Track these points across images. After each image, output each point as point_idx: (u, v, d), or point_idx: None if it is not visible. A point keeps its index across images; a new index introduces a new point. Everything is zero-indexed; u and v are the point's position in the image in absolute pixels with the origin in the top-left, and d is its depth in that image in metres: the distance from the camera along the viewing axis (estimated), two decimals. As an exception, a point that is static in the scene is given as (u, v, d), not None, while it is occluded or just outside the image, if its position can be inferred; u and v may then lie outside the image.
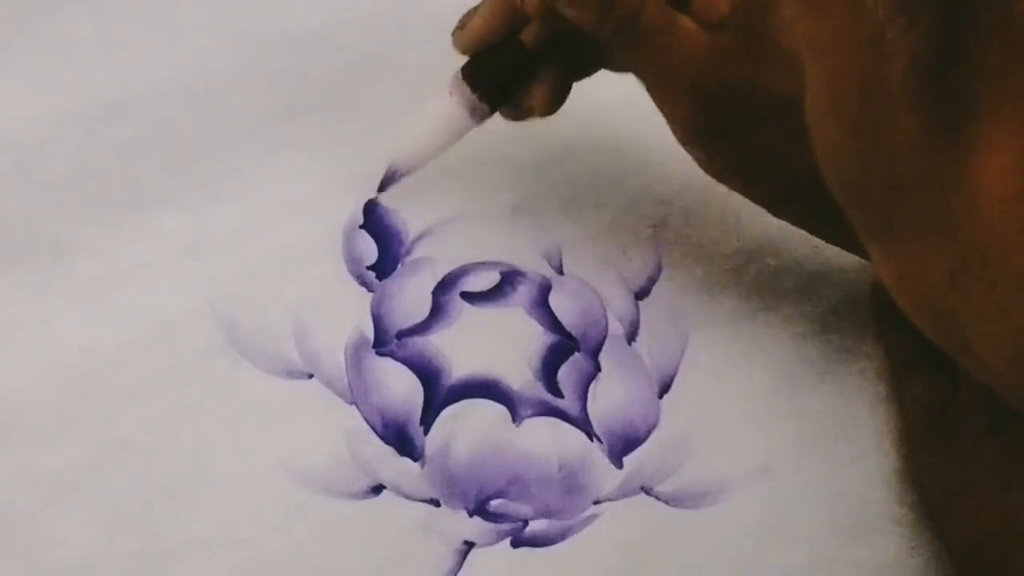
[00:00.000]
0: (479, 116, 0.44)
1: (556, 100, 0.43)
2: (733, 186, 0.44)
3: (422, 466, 0.43)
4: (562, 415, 0.45)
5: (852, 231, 0.46)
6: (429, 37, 0.49)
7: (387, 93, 0.49)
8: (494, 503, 0.43)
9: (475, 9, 0.43)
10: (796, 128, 0.41)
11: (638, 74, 0.42)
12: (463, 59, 0.44)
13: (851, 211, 0.31)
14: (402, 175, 0.46)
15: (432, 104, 0.44)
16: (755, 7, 0.40)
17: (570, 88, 0.43)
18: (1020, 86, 0.25)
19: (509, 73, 0.43)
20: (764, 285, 0.48)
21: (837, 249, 0.47)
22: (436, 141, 0.45)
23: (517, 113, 0.44)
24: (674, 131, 0.42)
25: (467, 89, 0.43)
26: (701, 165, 0.43)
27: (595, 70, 0.44)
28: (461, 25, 0.43)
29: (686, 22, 0.40)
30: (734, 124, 0.41)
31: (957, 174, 0.26)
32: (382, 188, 0.46)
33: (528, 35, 0.42)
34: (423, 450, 0.44)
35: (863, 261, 0.48)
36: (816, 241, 0.47)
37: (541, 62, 0.42)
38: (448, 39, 0.45)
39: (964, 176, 0.26)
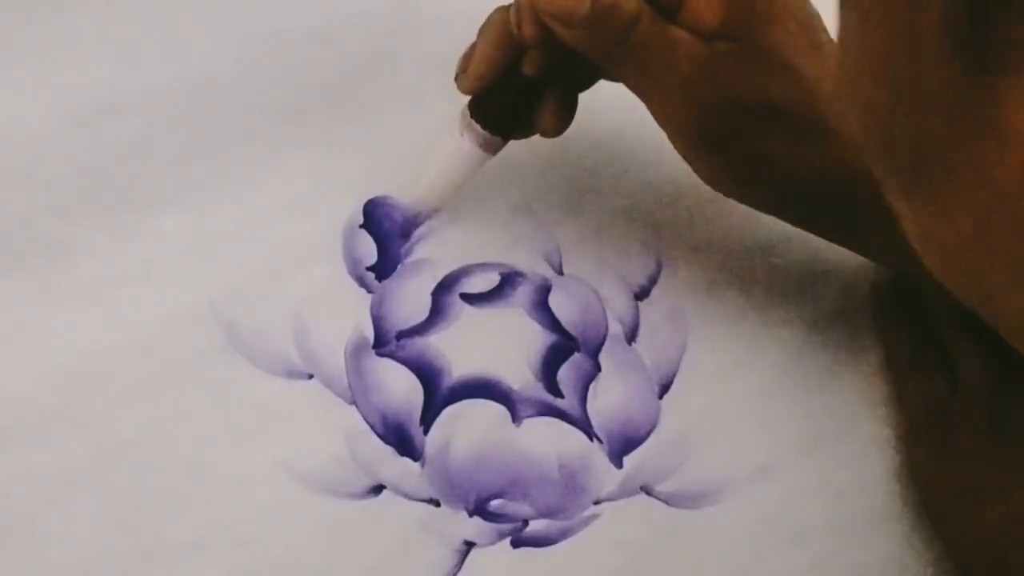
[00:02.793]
0: (492, 149, 0.44)
1: (565, 119, 0.43)
2: (730, 193, 0.44)
3: (422, 466, 0.43)
4: (562, 415, 0.45)
5: (851, 230, 0.46)
6: (429, 36, 0.49)
7: (387, 93, 0.49)
8: (494, 503, 0.43)
9: (472, 49, 0.43)
10: (791, 135, 0.42)
11: (634, 88, 0.42)
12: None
13: (878, 168, 0.31)
14: (424, 218, 0.46)
15: (442, 143, 0.44)
16: (746, 18, 0.40)
17: (576, 103, 0.43)
18: None
19: (515, 104, 0.43)
20: (764, 285, 0.48)
21: (837, 249, 0.47)
22: (452, 180, 0.45)
23: (527, 134, 0.44)
24: (672, 141, 0.42)
25: (476, 126, 0.43)
26: (698, 174, 0.43)
27: (596, 81, 0.44)
28: (463, 68, 0.43)
29: (680, 34, 0.40)
30: (730, 133, 0.41)
31: (988, 122, 0.26)
32: (405, 234, 0.46)
33: (528, 64, 0.42)
34: (423, 450, 0.44)
35: (863, 261, 0.48)
36: (816, 241, 0.47)
37: (544, 86, 0.43)
38: (448, 38, 0.45)
39: (995, 124, 0.26)
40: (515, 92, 0.43)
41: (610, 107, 0.45)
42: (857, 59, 0.30)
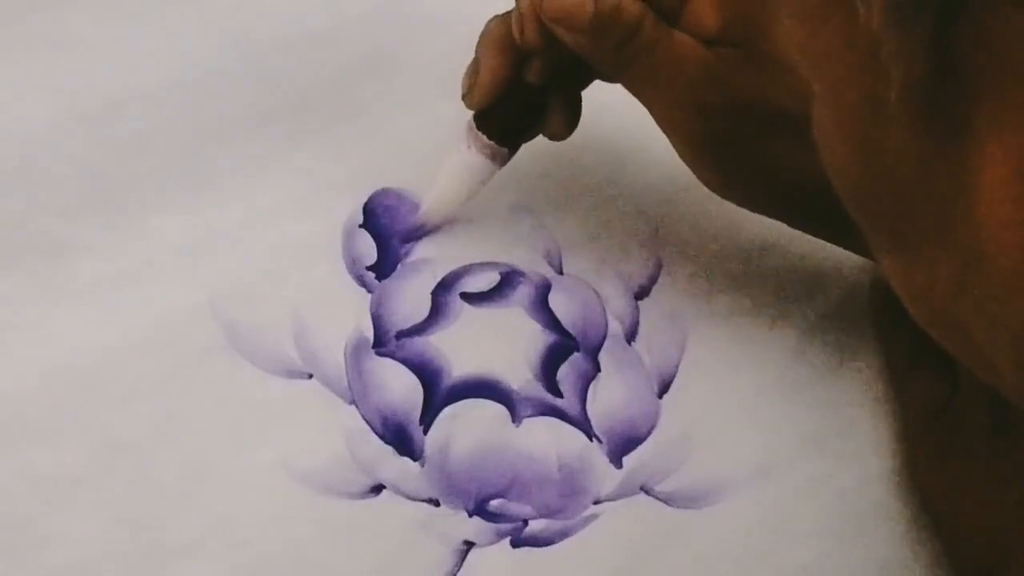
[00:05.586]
0: (500, 160, 0.44)
1: (573, 121, 0.43)
2: (734, 199, 0.44)
3: (422, 466, 0.43)
4: (562, 415, 0.45)
5: (855, 234, 0.46)
6: (429, 37, 0.49)
7: (387, 93, 0.49)
8: (494, 503, 0.43)
9: (475, 64, 0.43)
10: (796, 139, 0.41)
11: (638, 93, 0.42)
12: (463, 58, 0.44)
13: (860, 222, 0.31)
14: (431, 229, 0.46)
15: (452, 157, 0.44)
16: (746, 22, 0.40)
17: (581, 102, 0.43)
18: (1014, 99, 0.25)
19: (520, 113, 0.43)
20: (764, 285, 0.48)
21: (837, 249, 0.47)
22: (462, 193, 0.45)
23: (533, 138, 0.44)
24: (676, 147, 0.42)
25: (483, 137, 0.43)
26: (703, 180, 0.43)
27: (593, 79, 0.44)
28: (469, 85, 0.43)
29: (682, 38, 0.40)
30: (736, 138, 0.41)
31: (955, 187, 0.27)
32: (408, 240, 0.46)
33: (531, 72, 0.42)
34: (423, 450, 0.44)
35: (863, 261, 0.48)
36: (816, 241, 0.47)
37: (548, 92, 0.43)
38: (448, 38, 0.45)
39: (962, 189, 0.26)
40: (520, 101, 0.43)
41: (610, 107, 0.45)
42: (829, 120, 0.30)
